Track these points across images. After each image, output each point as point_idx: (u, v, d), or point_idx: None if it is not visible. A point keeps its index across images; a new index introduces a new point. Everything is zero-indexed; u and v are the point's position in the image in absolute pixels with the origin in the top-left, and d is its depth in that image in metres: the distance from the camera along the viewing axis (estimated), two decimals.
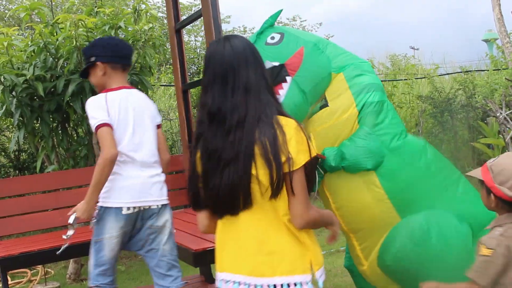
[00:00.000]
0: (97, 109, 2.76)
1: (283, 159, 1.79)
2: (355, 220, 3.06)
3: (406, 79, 10.44)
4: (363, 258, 3.11)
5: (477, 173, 2.29)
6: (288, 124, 1.85)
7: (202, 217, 2.02)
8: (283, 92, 3.19)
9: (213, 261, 2.05)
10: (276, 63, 3.21)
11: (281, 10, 3.53)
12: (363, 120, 3.03)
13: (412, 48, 21.12)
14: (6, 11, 12.03)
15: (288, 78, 3.20)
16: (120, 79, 2.93)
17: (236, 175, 1.81)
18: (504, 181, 2.16)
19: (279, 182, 1.80)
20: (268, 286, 1.83)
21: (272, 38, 3.31)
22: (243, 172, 1.80)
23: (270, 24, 3.40)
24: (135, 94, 2.97)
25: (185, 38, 13.37)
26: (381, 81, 3.25)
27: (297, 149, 1.82)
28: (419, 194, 2.99)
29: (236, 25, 23.75)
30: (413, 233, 2.88)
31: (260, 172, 1.80)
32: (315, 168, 3.11)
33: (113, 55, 2.90)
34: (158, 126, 3.04)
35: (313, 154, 1.88)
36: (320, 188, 3.13)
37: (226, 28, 13.98)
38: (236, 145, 1.81)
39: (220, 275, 1.94)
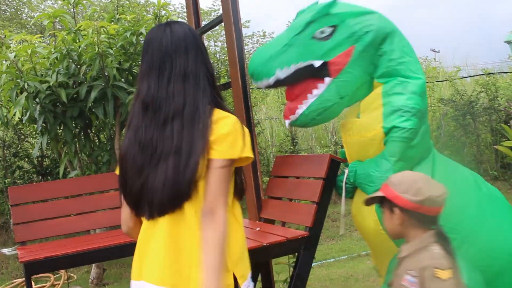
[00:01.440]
0: None
1: (202, 156, 1.67)
2: (365, 238, 3.00)
3: (427, 82, 10.36)
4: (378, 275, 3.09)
5: (375, 193, 2.13)
6: (222, 120, 1.73)
7: (127, 215, 1.85)
8: (317, 92, 2.83)
9: None
10: (319, 62, 2.81)
11: None
12: (388, 144, 2.74)
13: (432, 50, 21.00)
14: (29, 19, 12.22)
15: (327, 79, 2.81)
16: None
17: (177, 170, 1.66)
18: (406, 190, 1.99)
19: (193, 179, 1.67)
20: None
21: (322, 32, 2.84)
22: (184, 167, 1.66)
23: (325, 13, 2.87)
24: None
25: (205, 43, 13.40)
26: None
27: (227, 145, 1.70)
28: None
29: (256, 29, 23.83)
30: None
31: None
32: (336, 173, 3.11)
33: None
34: None
35: (246, 154, 1.74)
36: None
37: (245, 32, 14.02)
38: (176, 137, 1.68)
39: (137, 283, 1.78)
